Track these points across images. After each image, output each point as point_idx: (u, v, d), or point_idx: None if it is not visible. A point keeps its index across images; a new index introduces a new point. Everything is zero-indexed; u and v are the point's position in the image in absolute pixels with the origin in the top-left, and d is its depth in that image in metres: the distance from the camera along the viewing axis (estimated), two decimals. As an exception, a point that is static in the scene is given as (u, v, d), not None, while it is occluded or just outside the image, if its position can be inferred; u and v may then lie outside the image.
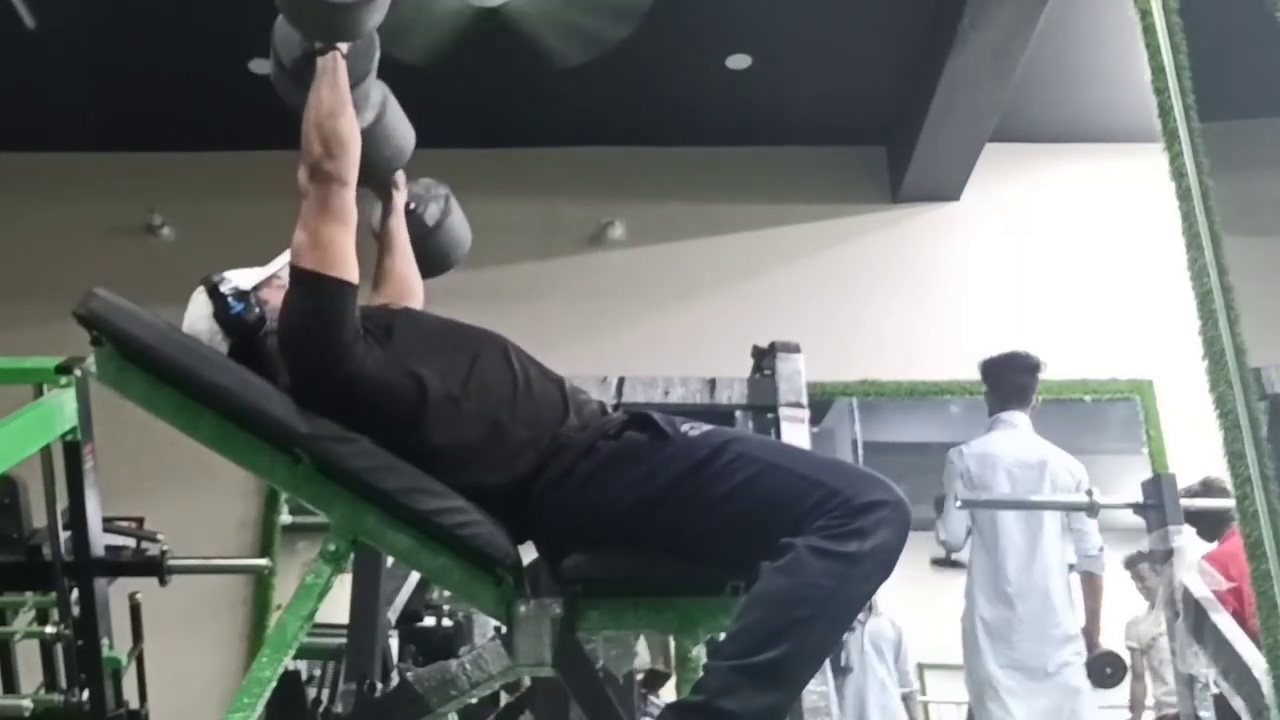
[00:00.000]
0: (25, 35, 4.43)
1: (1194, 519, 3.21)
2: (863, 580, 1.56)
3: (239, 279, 1.91)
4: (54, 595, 2.14)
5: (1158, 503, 3.09)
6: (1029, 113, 5.04)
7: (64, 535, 2.13)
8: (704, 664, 1.59)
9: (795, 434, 2.85)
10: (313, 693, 3.49)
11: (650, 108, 5.14)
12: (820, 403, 4.45)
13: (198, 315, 1.88)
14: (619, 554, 1.72)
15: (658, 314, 5.13)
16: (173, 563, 2.28)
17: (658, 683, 3.95)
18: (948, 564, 4.25)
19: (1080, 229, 5.21)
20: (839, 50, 4.81)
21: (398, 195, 2.23)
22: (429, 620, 3.45)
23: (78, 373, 2.09)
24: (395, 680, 2.66)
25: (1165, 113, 1.74)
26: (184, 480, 4.29)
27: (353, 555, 1.86)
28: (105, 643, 2.14)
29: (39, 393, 2.11)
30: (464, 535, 1.74)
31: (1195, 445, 3.50)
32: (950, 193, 5.29)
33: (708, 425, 1.76)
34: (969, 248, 5.26)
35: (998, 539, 3.66)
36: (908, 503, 1.59)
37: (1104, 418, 4.97)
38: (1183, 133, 1.70)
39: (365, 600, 2.58)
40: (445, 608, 3.47)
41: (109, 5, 4.50)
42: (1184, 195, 1.68)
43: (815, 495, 1.58)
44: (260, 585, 4.63)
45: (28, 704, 2.07)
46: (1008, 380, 3.87)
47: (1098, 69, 4.83)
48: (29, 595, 2.25)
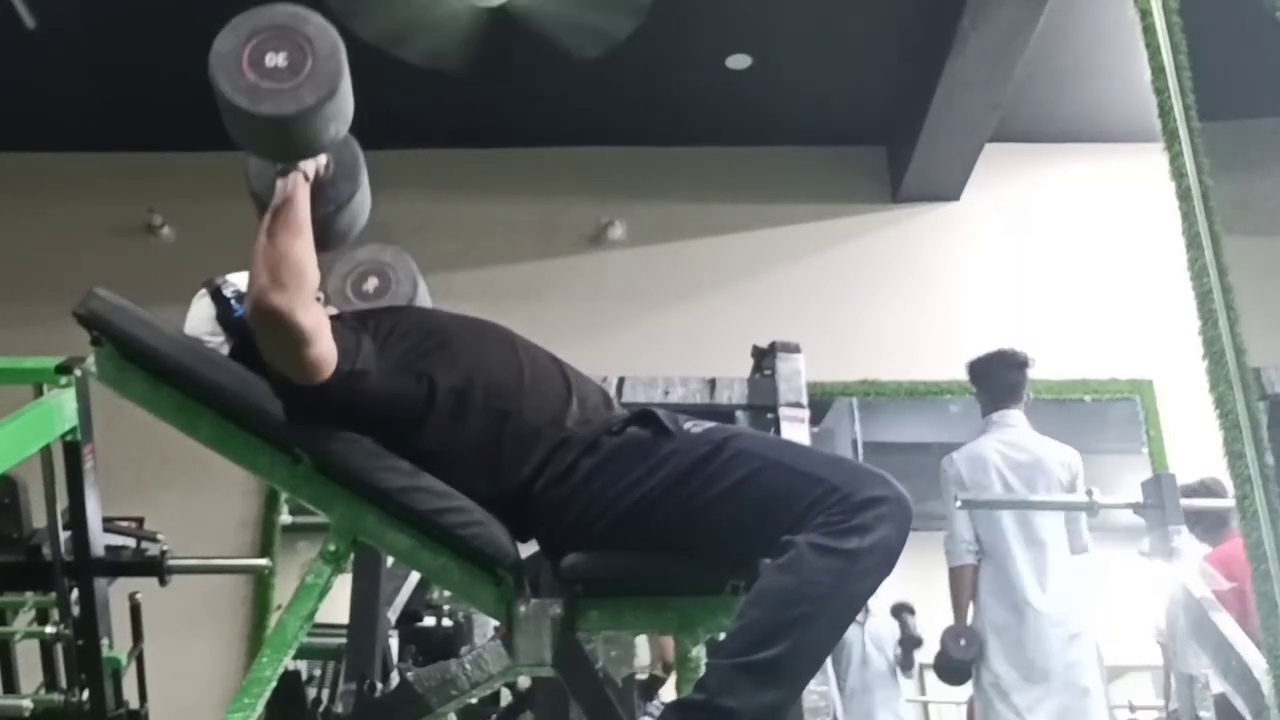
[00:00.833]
0: (25, 35, 4.42)
1: (1193, 520, 3.21)
2: (863, 577, 1.55)
3: (241, 282, 1.89)
4: (54, 595, 2.14)
5: (1158, 503, 3.09)
6: (1029, 113, 5.04)
7: (64, 535, 2.13)
8: (705, 662, 1.59)
9: (795, 434, 2.85)
10: (313, 693, 3.49)
11: (650, 108, 5.14)
12: (820, 403, 4.46)
13: (200, 317, 1.88)
14: (619, 553, 1.72)
15: (658, 314, 5.13)
16: (173, 563, 2.28)
17: (655, 688, 3.95)
18: None
19: (1080, 229, 5.21)
20: (839, 50, 4.82)
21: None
22: (429, 620, 3.45)
23: (78, 373, 2.09)
24: (395, 680, 2.66)
25: (1165, 113, 1.73)
26: (184, 480, 4.29)
27: (353, 555, 1.86)
28: (105, 643, 2.14)
29: (39, 393, 2.11)
30: (464, 535, 1.74)
31: (1195, 445, 3.49)
32: (950, 193, 5.29)
33: (710, 423, 1.76)
34: (969, 248, 5.26)
35: (997, 542, 3.66)
36: (909, 498, 1.59)
37: (1104, 418, 4.97)
38: (1183, 133, 1.70)
39: (365, 600, 2.57)
40: (445, 608, 3.47)
41: (109, 5, 4.50)
42: (1184, 195, 1.68)
43: (816, 491, 1.58)
44: (260, 585, 4.63)
45: (28, 704, 2.07)
46: (998, 379, 3.84)
47: (1098, 69, 4.83)
48: (29, 595, 2.25)
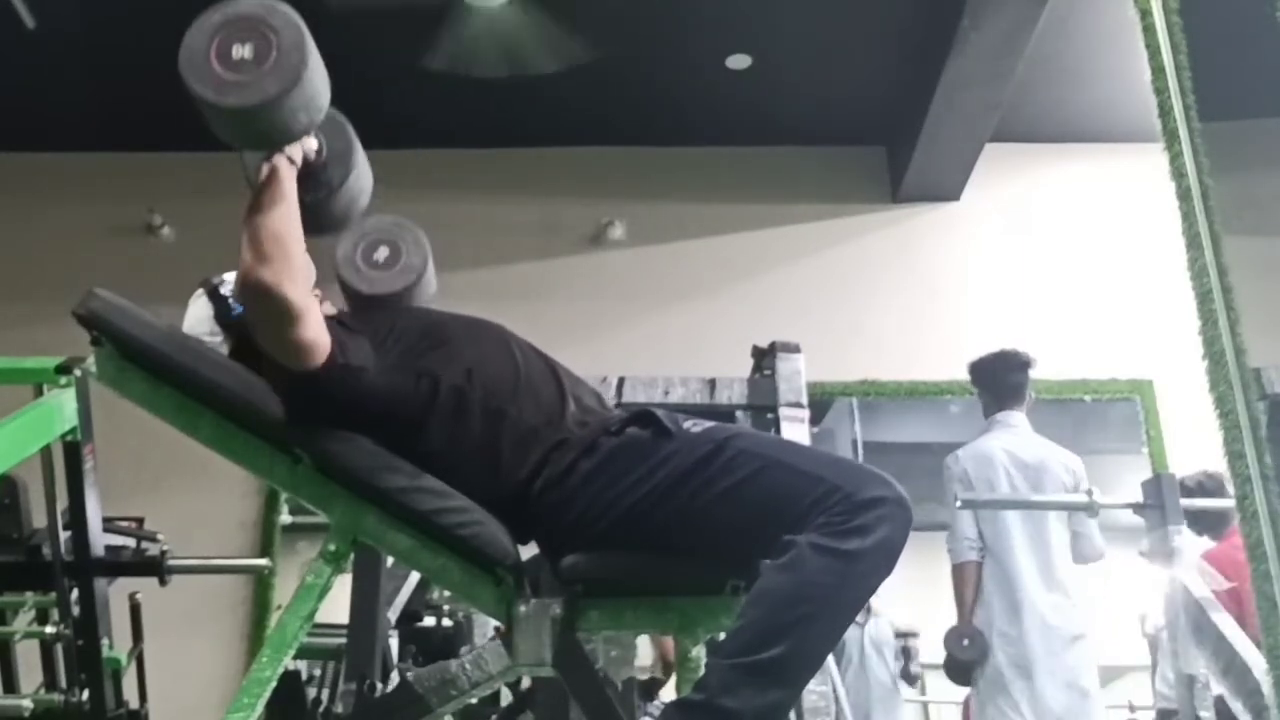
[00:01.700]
0: (25, 35, 4.43)
1: (1193, 516, 3.21)
2: (864, 577, 1.55)
3: (239, 281, 1.90)
4: (54, 595, 2.14)
5: (1158, 503, 3.09)
6: (1029, 113, 5.03)
7: (64, 535, 2.13)
8: (705, 662, 1.59)
9: (795, 434, 2.86)
10: (313, 693, 3.49)
11: (650, 108, 5.14)
12: (820, 403, 4.46)
13: (198, 317, 1.88)
14: (619, 554, 1.72)
15: (658, 314, 5.13)
16: (173, 563, 2.28)
17: (655, 689, 3.95)
18: None
19: (1080, 229, 5.21)
20: (839, 50, 4.81)
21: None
22: (429, 620, 3.45)
23: (78, 373, 2.09)
24: (395, 680, 2.66)
25: (1165, 113, 1.74)
26: (184, 480, 4.29)
27: (353, 555, 1.86)
28: (105, 643, 2.14)
29: (39, 393, 2.11)
30: (464, 535, 1.73)
31: (1195, 445, 3.49)
32: (950, 193, 5.29)
33: (710, 422, 1.76)
34: (969, 248, 5.26)
35: (999, 542, 3.66)
36: (909, 499, 1.59)
37: (1104, 418, 4.97)
38: (1183, 133, 1.70)
39: (365, 600, 2.57)
40: (445, 608, 3.47)
41: (109, 5, 4.50)
42: (1184, 195, 1.68)
43: (816, 492, 1.58)
44: (260, 585, 4.62)
45: (28, 704, 2.07)
46: (1001, 380, 3.83)
47: (1098, 69, 4.83)
48: (29, 595, 2.25)
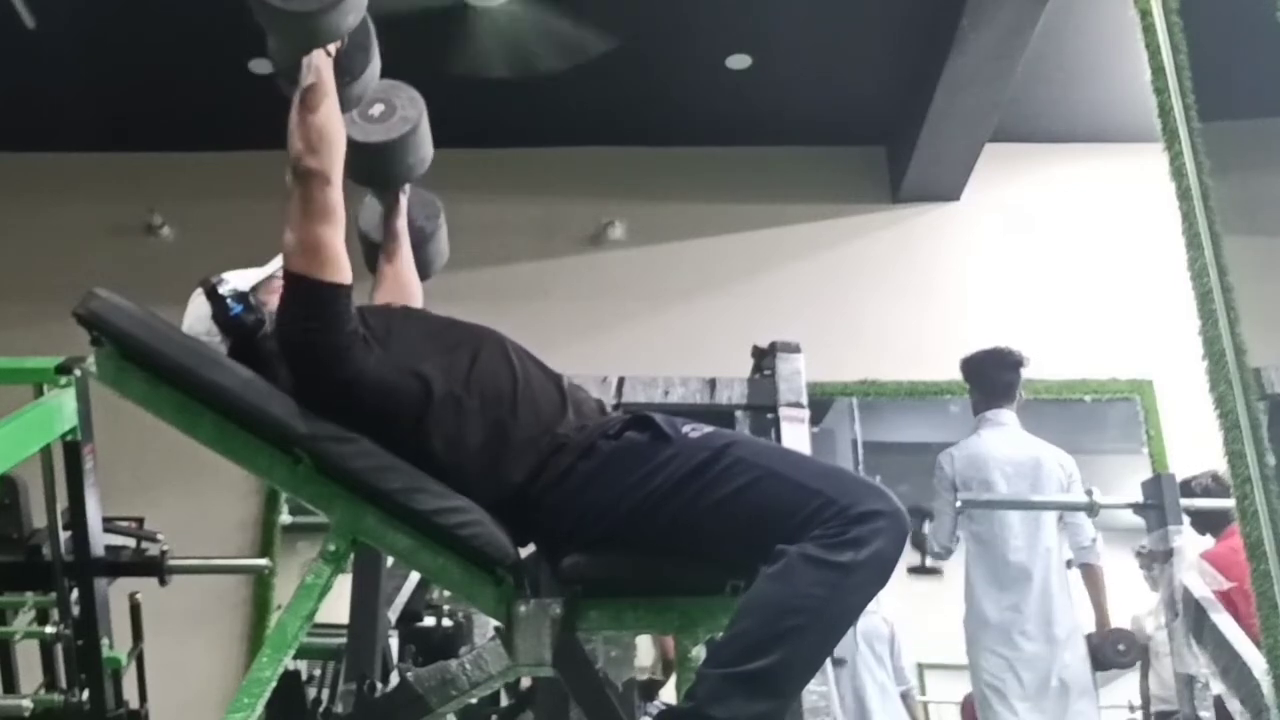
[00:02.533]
0: (25, 35, 4.43)
1: (1197, 512, 3.21)
2: (856, 590, 1.55)
3: (238, 281, 1.90)
4: (54, 595, 2.14)
5: (1158, 503, 3.10)
6: (1029, 113, 5.04)
7: (64, 535, 2.13)
8: (697, 670, 1.59)
9: (795, 434, 2.85)
10: (313, 693, 3.49)
11: (650, 108, 5.14)
12: (820, 403, 4.45)
13: (196, 317, 1.88)
14: (619, 554, 1.72)
15: (658, 314, 5.13)
16: (173, 563, 2.27)
17: (654, 690, 3.94)
18: (924, 571, 4.23)
19: (1080, 229, 5.21)
20: (839, 50, 4.82)
21: (403, 198, 2.23)
22: (429, 620, 3.45)
23: (78, 373, 2.08)
24: (395, 680, 2.66)
25: (1165, 113, 1.74)
26: (184, 480, 4.29)
27: (353, 555, 1.86)
28: (105, 643, 2.13)
29: (39, 393, 2.10)
30: (464, 535, 1.74)
31: (1195, 445, 3.50)
32: (950, 193, 5.29)
33: (709, 427, 1.75)
34: (969, 248, 5.26)
35: (996, 540, 3.65)
36: (906, 513, 1.59)
37: (1104, 418, 4.97)
38: (1183, 133, 1.70)
39: (365, 600, 2.58)
40: (445, 608, 3.47)
41: (109, 5, 4.50)
42: (1184, 195, 1.69)
43: (813, 504, 1.58)
44: (260, 585, 4.63)
45: (28, 704, 2.07)
46: (993, 378, 3.83)
47: (1098, 69, 4.83)
48: (29, 595, 2.24)
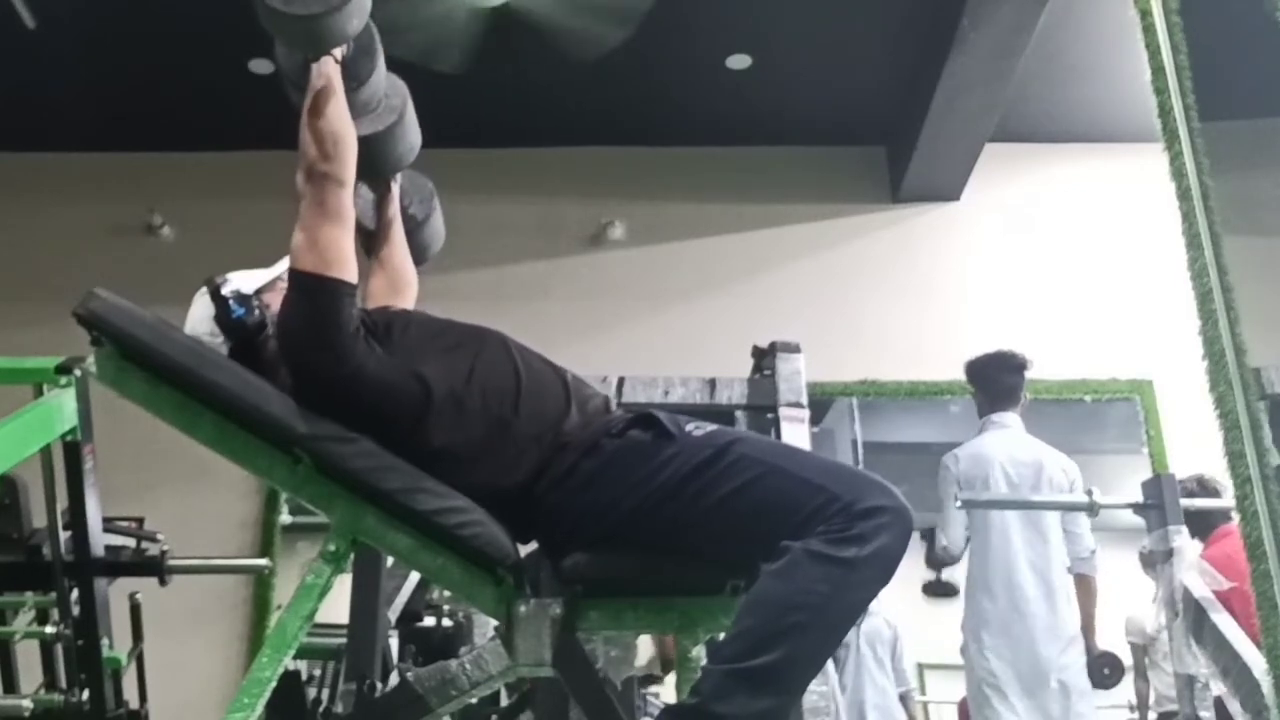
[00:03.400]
0: (25, 35, 4.43)
1: (1186, 517, 3.21)
2: (860, 586, 1.55)
3: (241, 282, 1.90)
4: (54, 595, 2.14)
5: (1158, 503, 3.09)
6: (1029, 113, 5.04)
7: (64, 535, 2.13)
8: (701, 666, 1.59)
9: (795, 434, 2.85)
10: (313, 693, 3.49)
11: (650, 108, 5.14)
12: (820, 403, 4.45)
13: (199, 317, 1.88)
14: (619, 554, 1.72)
15: (658, 314, 5.13)
16: (173, 563, 2.27)
17: (647, 683, 3.94)
18: (940, 591, 4.27)
19: (1080, 229, 5.21)
20: (839, 50, 4.82)
21: (394, 187, 2.24)
22: (429, 620, 3.45)
23: (78, 373, 2.08)
24: (395, 680, 2.66)
25: (1165, 113, 1.74)
26: (184, 480, 4.29)
27: (353, 555, 1.86)
28: (105, 643, 2.13)
29: (39, 393, 2.10)
30: (464, 535, 1.74)
31: (1195, 445, 3.49)
32: (950, 193, 5.29)
33: (712, 425, 1.75)
34: (969, 248, 5.26)
35: (998, 541, 3.65)
36: (910, 510, 1.58)
37: (1104, 418, 4.97)
38: (1183, 133, 1.70)
39: (365, 600, 2.58)
40: (445, 608, 3.47)
41: (109, 5, 4.50)
42: (1184, 195, 1.69)
43: (817, 500, 1.57)
44: (260, 585, 4.63)
45: (28, 704, 2.07)
46: (996, 381, 3.84)
47: (1098, 69, 4.83)
48: (29, 595, 2.24)
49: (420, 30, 3.84)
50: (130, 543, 2.36)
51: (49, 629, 2.19)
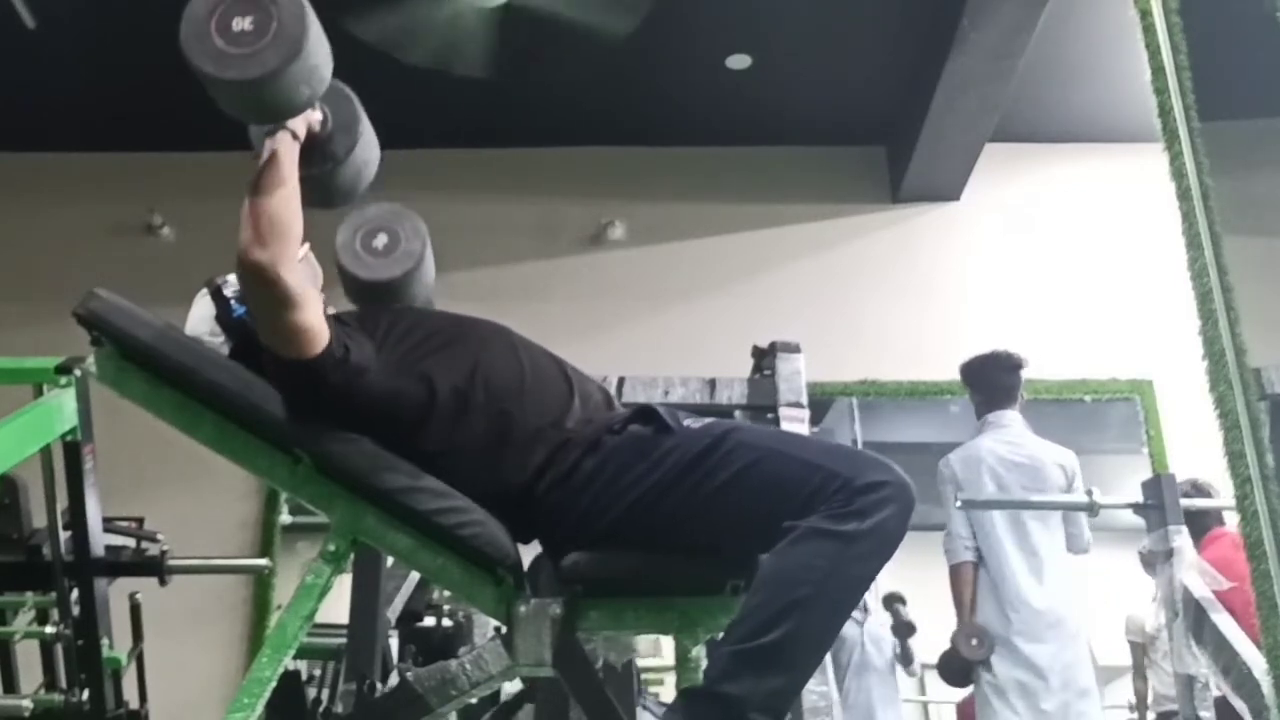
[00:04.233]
0: (25, 35, 4.43)
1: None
2: (861, 560, 1.55)
3: (241, 282, 1.89)
4: (54, 595, 2.14)
5: (1158, 503, 3.09)
6: (1029, 113, 5.04)
7: (64, 535, 2.13)
8: (711, 649, 1.60)
9: (795, 434, 2.85)
10: (313, 693, 3.49)
11: (650, 108, 5.14)
12: (820, 403, 4.45)
13: (200, 317, 1.87)
14: (619, 553, 1.72)
15: (658, 314, 5.13)
16: (173, 563, 2.28)
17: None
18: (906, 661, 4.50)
19: (1080, 229, 5.21)
20: (839, 50, 4.81)
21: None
22: (429, 620, 3.45)
23: (78, 373, 2.09)
24: (395, 680, 2.66)
25: (1165, 113, 1.74)
26: (184, 480, 4.29)
27: (353, 555, 1.86)
28: (105, 643, 2.14)
29: (39, 393, 2.10)
30: (464, 535, 1.73)
31: (1195, 445, 3.49)
32: (950, 193, 5.29)
33: (709, 418, 1.77)
34: (969, 248, 5.26)
35: (995, 541, 3.66)
36: (911, 484, 1.58)
37: (1104, 418, 4.97)
38: (1183, 133, 1.70)
39: (365, 600, 2.58)
40: (445, 608, 3.47)
41: (109, 5, 4.50)
42: (1184, 195, 1.69)
43: (816, 479, 1.58)
44: (260, 585, 4.62)
45: (28, 704, 2.07)
46: (993, 381, 3.85)
47: (1098, 69, 4.83)
48: (29, 595, 2.25)
49: (433, 35, 3.84)
50: (130, 543, 2.36)
51: (49, 629, 2.19)
